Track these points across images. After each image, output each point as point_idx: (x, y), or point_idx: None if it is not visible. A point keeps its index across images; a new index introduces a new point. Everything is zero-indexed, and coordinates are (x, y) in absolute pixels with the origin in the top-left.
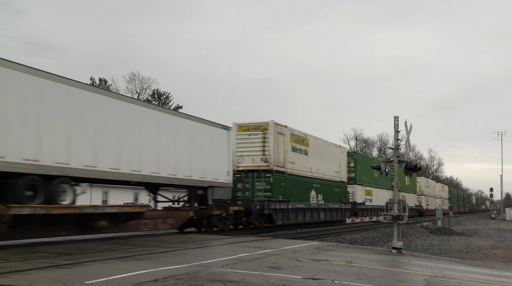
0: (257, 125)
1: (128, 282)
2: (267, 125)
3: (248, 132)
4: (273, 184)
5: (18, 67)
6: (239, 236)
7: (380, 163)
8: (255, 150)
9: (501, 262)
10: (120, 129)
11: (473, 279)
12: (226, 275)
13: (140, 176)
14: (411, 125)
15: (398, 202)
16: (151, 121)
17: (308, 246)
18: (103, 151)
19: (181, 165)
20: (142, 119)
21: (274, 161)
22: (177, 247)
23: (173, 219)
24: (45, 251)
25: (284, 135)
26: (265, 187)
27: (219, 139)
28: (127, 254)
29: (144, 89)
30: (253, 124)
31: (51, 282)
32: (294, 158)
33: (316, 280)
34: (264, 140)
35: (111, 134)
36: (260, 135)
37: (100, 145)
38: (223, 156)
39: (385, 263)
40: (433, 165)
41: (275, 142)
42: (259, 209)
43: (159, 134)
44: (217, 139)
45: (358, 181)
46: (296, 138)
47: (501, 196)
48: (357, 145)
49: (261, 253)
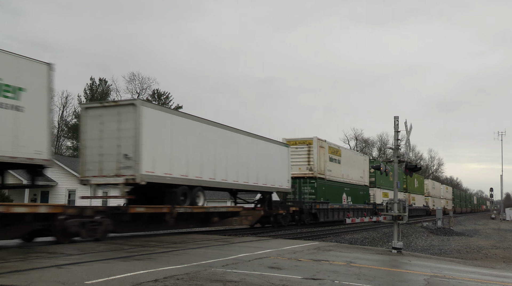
0: (303, 140)
1: (128, 282)
2: (311, 140)
3: (296, 146)
4: (317, 188)
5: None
6: (239, 236)
7: (380, 163)
8: (302, 160)
9: (501, 262)
10: (218, 151)
11: (473, 279)
12: (226, 275)
13: (226, 184)
14: (411, 125)
15: (398, 202)
16: (237, 143)
17: (308, 246)
18: (218, 167)
19: (258, 175)
20: (231, 141)
21: (317, 169)
22: (177, 247)
23: (251, 216)
24: (45, 251)
25: (324, 148)
26: (310, 191)
27: (282, 154)
28: (127, 254)
29: (144, 89)
30: (300, 140)
31: (51, 282)
32: (331, 166)
33: (316, 280)
34: (309, 152)
35: (219, 156)
36: (305, 148)
37: (216, 164)
38: (285, 167)
39: (385, 263)
40: (433, 165)
41: (317, 154)
42: (308, 208)
43: (243, 152)
44: (280, 154)
45: (377, 185)
46: (332, 150)
47: (501, 196)
48: (357, 145)
49: (261, 253)
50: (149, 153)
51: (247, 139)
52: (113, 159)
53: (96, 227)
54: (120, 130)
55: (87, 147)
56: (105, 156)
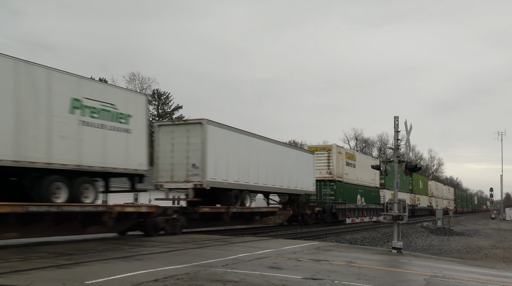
0: (323, 147)
1: (128, 282)
2: (331, 147)
3: (316, 153)
4: (336, 190)
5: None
6: (239, 236)
7: (380, 163)
8: (322, 165)
9: (501, 262)
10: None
11: (473, 279)
12: (226, 275)
13: (257, 186)
14: (411, 125)
15: (398, 202)
16: (273, 152)
17: (308, 246)
18: (260, 174)
19: (289, 180)
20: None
21: (336, 173)
22: (177, 247)
23: (283, 216)
24: (45, 251)
25: (341, 154)
26: (330, 192)
27: (308, 161)
28: (127, 254)
29: (144, 89)
30: (320, 147)
31: (51, 282)
32: (347, 170)
33: (316, 280)
34: (328, 158)
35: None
36: (325, 155)
37: (259, 171)
38: (311, 173)
39: (385, 263)
40: (433, 165)
41: (336, 159)
42: (329, 208)
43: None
44: (307, 161)
45: (387, 186)
46: (348, 156)
47: (501, 196)
48: (357, 145)
49: (261, 253)
50: (212, 163)
51: (281, 149)
52: (183, 168)
53: (175, 223)
54: (188, 144)
55: (160, 158)
56: (175, 165)
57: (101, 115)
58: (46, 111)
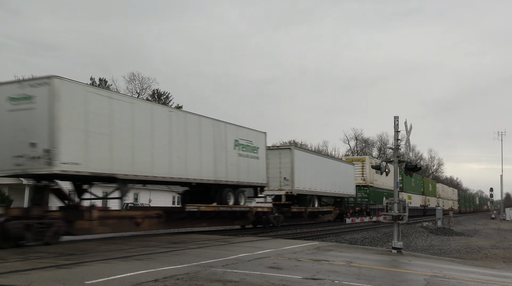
0: (358, 158)
1: (128, 282)
2: (364, 159)
3: (352, 163)
4: (368, 194)
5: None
6: (239, 236)
7: (380, 163)
8: (358, 173)
9: (501, 262)
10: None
11: (473, 279)
12: (226, 275)
13: (321, 192)
14: (411, 125)
15: (398, 202)
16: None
17: (308, 246)
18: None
19: (338, 186)
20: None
21: (368, 180)
22: (177, 247)
23: (332, 214)
24: (45, 251)
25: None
26: (363, 195)
27: (350, 170)
28: (127, 254)
29: (144, 89)
30: (356, 158)
31: (51, 282)
32: (376, 177)
33: (316, 280)
34: (362, 168)
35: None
36: (360, 165)
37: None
38: (352, 180)
39: (385, 263)
40: (433, 165)
41: (369, 168)
42: (364, 209)
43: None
44: (349, 170)
45: (404, 190)
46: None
47: (501, 196)
48: (357, 145)
49: (261, 253)
50: (297, 176)
51: (333, 163)
52: (277, 180)
53: (278, 219)
54: (280, 163)
55: None
56: (271, 178)
57: (246, 149)
58: (225, 150)
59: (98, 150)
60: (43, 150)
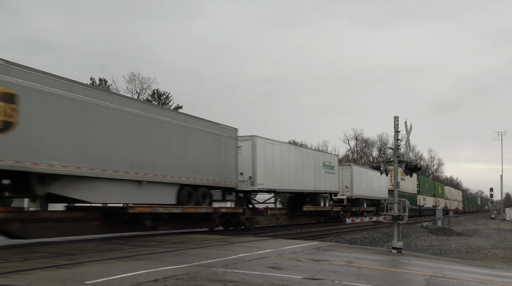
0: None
1: (128, 282)
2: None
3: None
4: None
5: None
6: (239, 236)
7: (380, 163)
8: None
9: (501, 262)
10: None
11: (473, 279)
12: (226, 275)
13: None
14: (411, 125)
15: (398, 202)
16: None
17: (308, 246)
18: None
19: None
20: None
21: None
22: (177, 247)
23: (373, 212)
24: (45, 251)
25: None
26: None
27: (384, 177)
28: (127, 254)
29: (144, 89)
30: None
31: (51, 282)
32: (401, 183)
33: (316, 280)
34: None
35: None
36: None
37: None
38: (385, 185)
39: (385, 263)
40: (433, 165)
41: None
42: None
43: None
44: (383, 177)
45: (420, 192)
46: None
47: (501, 196)
48: (357, 145)
49: (261, 253)
50: (354, 185)
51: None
52: (341, 188)
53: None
54: (342, 176)
55: None
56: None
57: (327, 168)
58: (317, 170)
59: (270, 175)
60: (248, 176)
